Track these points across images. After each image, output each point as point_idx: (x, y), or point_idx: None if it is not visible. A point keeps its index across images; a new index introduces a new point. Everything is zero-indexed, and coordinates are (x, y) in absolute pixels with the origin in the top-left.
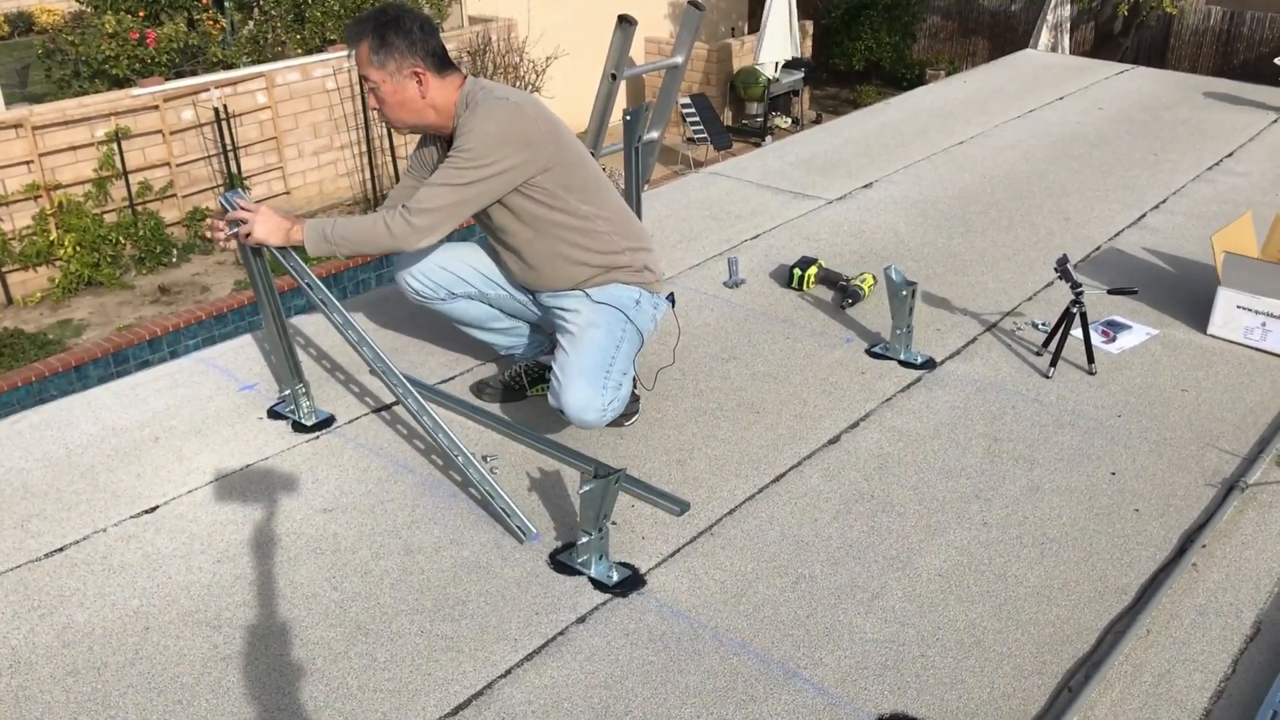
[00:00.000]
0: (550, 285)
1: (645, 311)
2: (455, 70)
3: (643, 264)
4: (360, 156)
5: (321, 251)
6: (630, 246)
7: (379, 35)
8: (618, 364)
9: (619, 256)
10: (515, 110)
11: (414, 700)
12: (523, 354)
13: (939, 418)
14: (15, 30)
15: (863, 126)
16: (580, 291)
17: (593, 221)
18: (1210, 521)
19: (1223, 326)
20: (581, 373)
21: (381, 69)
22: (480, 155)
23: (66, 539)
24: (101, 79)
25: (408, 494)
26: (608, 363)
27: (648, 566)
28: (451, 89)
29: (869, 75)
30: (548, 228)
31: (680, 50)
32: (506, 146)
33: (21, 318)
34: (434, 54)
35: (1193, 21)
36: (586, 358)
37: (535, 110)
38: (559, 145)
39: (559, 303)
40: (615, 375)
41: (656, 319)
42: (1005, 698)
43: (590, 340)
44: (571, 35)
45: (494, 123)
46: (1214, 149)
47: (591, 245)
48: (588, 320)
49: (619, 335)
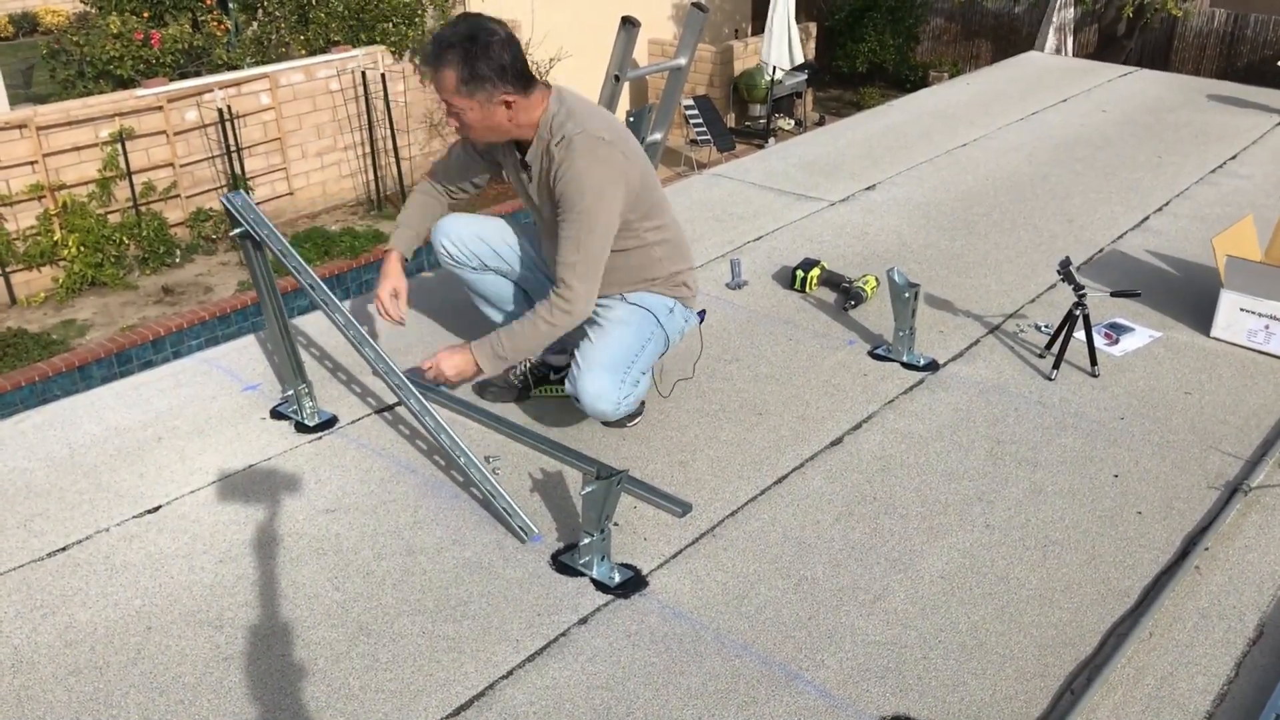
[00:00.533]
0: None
1: (676, 321)
2: (537, 84)
3: (682, 280)
4: (364, 158)
5: (501, 369)
6: (676, 270)
7: (469, 66)
8: (640, 362)
9: (661, 278)
10: (610, 152)
11: (416, 701)
12: None
13: (941, 420)
14: (20, 31)
15: (866, 128)
16: (617, 295)
17: (652, 248)
18: (1213, 524)
19: (1226, 329)
20: (603, 364)
21: (470, 98)
22: (595, 210)
23: (69, 538)
24: (106, 80)
25: (410, 495)
26: (630, 359)
27: (650, 568)
28: (537, 107)
29: (872, 77)
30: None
31: (683, 52)
32: (611, 190)
33: (25, 318)
34: (519, 74)
35: (1197, 24)
36: (611, 350)
37: (626, 145)
38: (643, 174)
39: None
40: (635, 373)
41: (685, 331)
42: (1007, 700)
43: (618, 335)
44: (575, 36)
45: (598, 174)
46: (1217, 151)
47: (644, 269)
48: (619, 317)
49: (647, 335)
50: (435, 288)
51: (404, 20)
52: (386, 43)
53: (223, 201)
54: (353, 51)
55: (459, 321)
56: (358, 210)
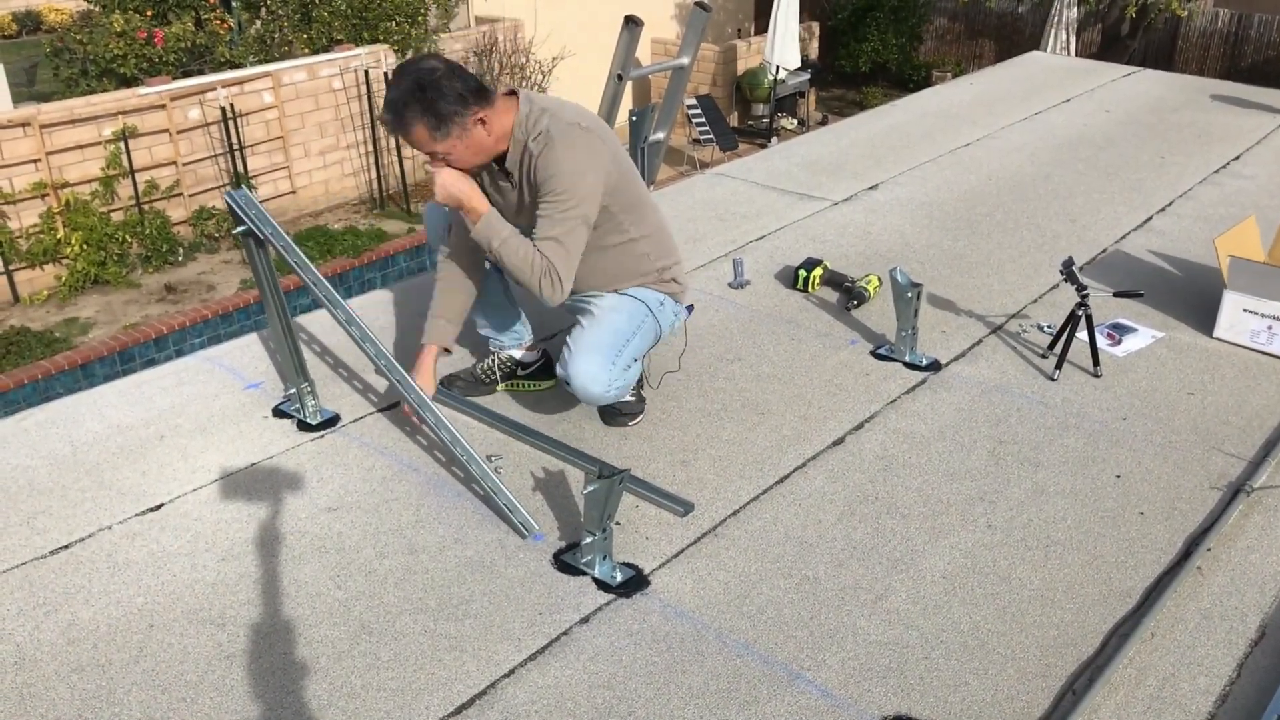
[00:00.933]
0: (580, 290)
1: (667, 312)
2: (496, 93)
3: (671, 276)
4: (366, 156)
5: (483, 238)
6: (663, 265)
7: (432, 113)
8: (630, 348)
9: (652, 274)
10: (587, 138)
11: (417, 699)
12: (499, 341)
13: (944, 420)
14: (23, 29)
15: (869, 128)
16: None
17: (637, 242)
18: (1215, 525)
19: (1229, 330)
20: (594, 347)
21: (448, 139)
22: (574, 189)
23: (72, 536)
24: (109, 78)
25: (412, 493)
26: (621, 343)
27: (651, 567)
28: (506, 113)
29: (875, 77)
30: (593, 249)
31: (686, 51)
32: (590, 175)
33: (28, 316)
34: (476, 91)
35: (1200, 24)
36: (602, 334)
37: (602, 131)
38: (619, 164)
39: (585, 293)
40: (625, 358)
41: (675, 324)
42: (1008, 700)
43: (610, 321)
44: (578, 36)
45: (576, 153)
46: (1221, 152)
47: (630, 266)
48: (610, 305)
49: (638, 323)
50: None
51: (407, 19)
52: (389, 41)
53: (226, 198)
54: (356, 50)
55: None
56: (360, 209)
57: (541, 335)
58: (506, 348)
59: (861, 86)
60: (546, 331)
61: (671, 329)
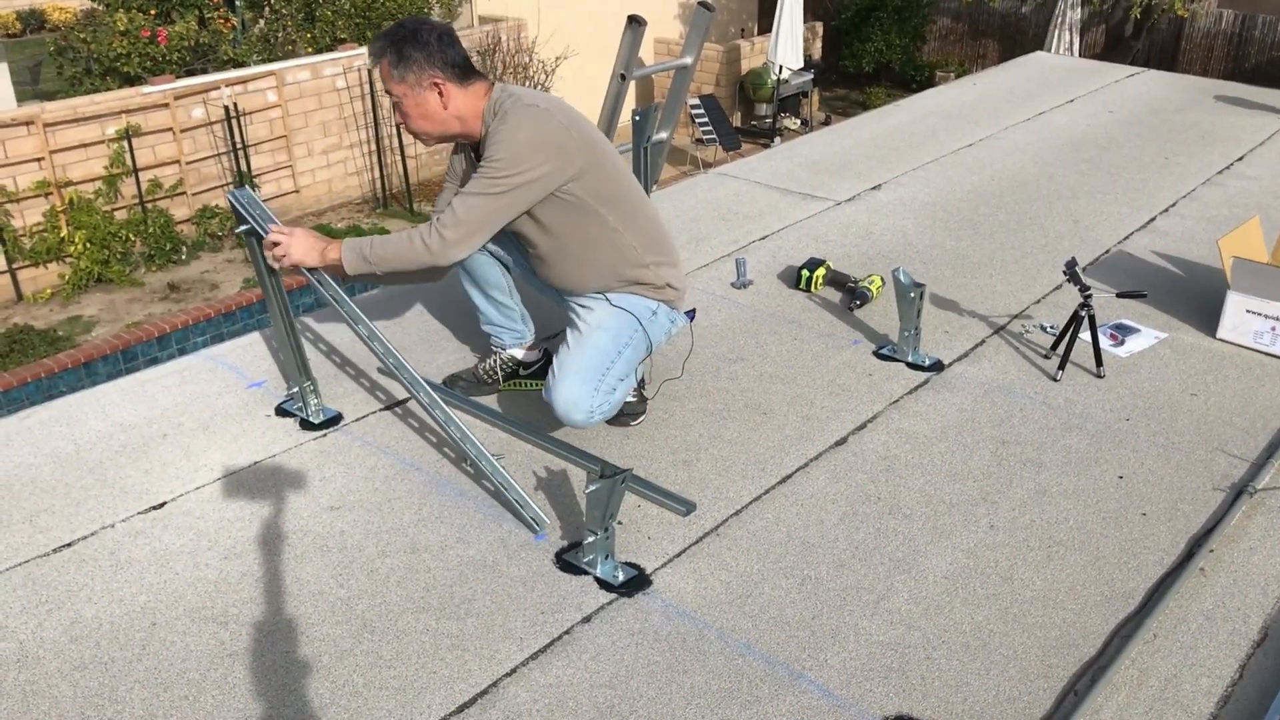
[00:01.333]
0: (572, 289)
1: (660, 323)
2: (480, 78)
3: (665, 280)
4: (369, 155)
5: (360, 270)
6: (655, 261)
7: (396, 50)
8: (615, 369)
9: (643, 271)
10: (545, 116)
11: (419, 698)
12: (502, 339)
13: (946, 420)
14: (27, 28)
15: (872, 128)
16: (601, 295)
17: (621, 235)
18: (1218, 526)
19: (1232, 330)
20: (577, 372)
21: (402, 82)
22: (511, 164)
23: (75, 534)
24: (112, 76)
25: (415, 492)
26: (605, 366)
27: (653, 566)
28: (477, 98)
29: (878, 77)
30: (574, 238)
31: (690, 51)
32: (538, 154)
33: (32, 314)
34: (454, 64)
35: (1204, 24)
36: (585, 358)
37: (567, 117)
38: (592, 153)
39: (577, 300)
40: (610, 380)
41: (670, 333)
42: (1010, 701)
43: (594, 341)
44: (581, 35)
45: (524, 130)
46: (1224, 152)
47: (616, 259)
48: (597, 321)
49: (625, 341)
50: (436, 288)
51: None
52: None
53: (228, 197)
54: (359, 49)
55: (460, 321)
56: (363, 208)
57: (543, 335)
58: (508, 347)
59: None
60: (548, 331)
61: (666, 337)
